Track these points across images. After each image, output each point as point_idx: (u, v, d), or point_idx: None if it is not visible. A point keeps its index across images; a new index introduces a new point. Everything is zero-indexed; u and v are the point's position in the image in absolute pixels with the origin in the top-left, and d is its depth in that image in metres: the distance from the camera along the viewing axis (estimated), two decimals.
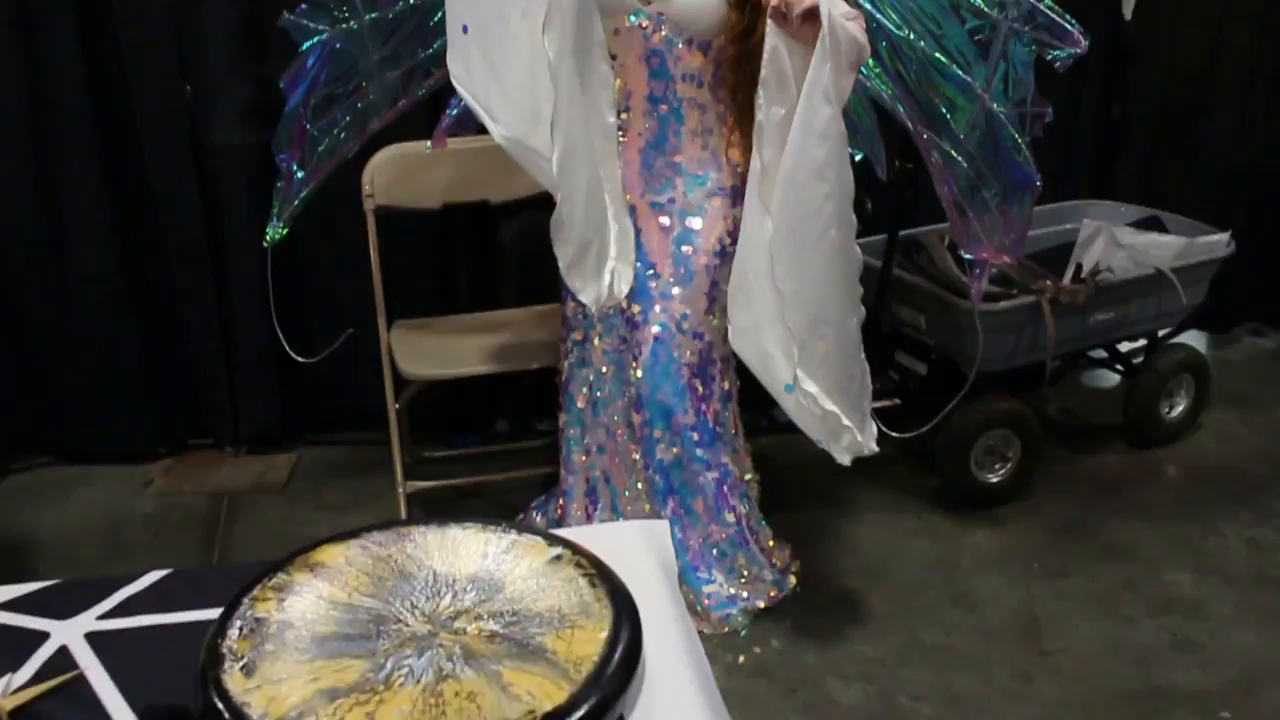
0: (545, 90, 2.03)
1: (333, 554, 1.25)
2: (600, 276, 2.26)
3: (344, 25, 2.47)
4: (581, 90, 2.13)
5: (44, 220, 3.08)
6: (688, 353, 2.41)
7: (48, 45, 2.93)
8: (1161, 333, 3.38)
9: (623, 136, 2.36)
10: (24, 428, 3.27)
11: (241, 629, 1.13)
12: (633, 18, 2.26)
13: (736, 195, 2.36)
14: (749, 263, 2.27)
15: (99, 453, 3.31)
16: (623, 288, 2.30)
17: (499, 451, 3.32)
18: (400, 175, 2.85)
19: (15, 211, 3.06)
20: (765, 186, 2.20)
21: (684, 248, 2.39)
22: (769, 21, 2.11)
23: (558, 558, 1.24)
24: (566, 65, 2.06)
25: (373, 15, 2.48)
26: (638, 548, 1.33)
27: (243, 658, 1.09)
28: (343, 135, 2.57)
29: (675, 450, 2.45)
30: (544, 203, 2.94)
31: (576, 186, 2.15)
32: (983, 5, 2.35)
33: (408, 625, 1.14)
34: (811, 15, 2.06)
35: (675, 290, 2.40)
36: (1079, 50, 2.35)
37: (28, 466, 3.32)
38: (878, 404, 2.88)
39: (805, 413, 2.29)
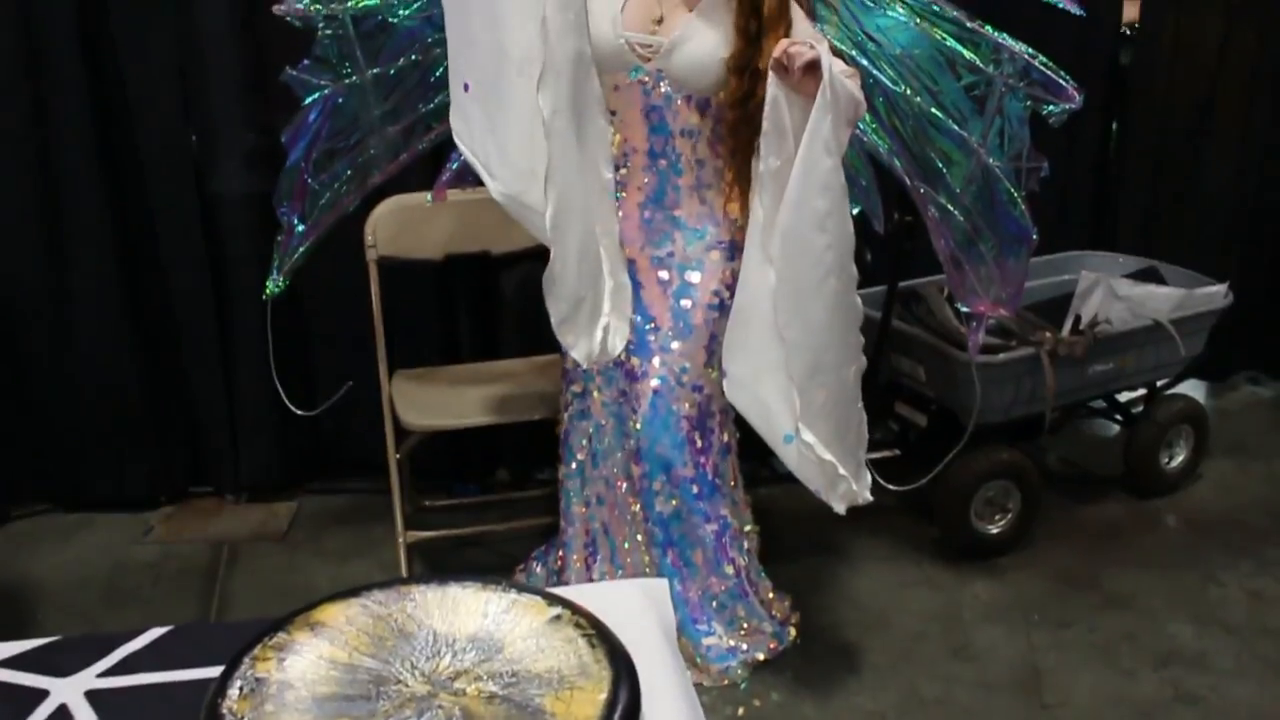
0: (541, 147, 2.06)
1: (333, 613, 1.25)
2: (592, 333, 2.27)
3: (346, 81, 2.50)
4: (579, 147, 2.16)
5: (48, 267, 3.10)
6: (687, 405, 2.42)
7: (55, 91, 2.97)
8: (1160, 383, 3.39)
9: (622, 191, 2.38)
10: (24, 474, 3.28)
11: (242, 688, 1.13)
12: (633, 74, 2.29)
13: (734, 250, 2.39)
14: (748, 312, 2.29)
15: (99, 500, 3.31)
16: (617, 344, 2.30)
17: (499, 501, 3.32)
18: (402, 226, 2.87)
19: (19, 258, 3.08)
20: (766, 237, 2.23)
21: (683, 301, 2.41)
22: (770, 73, 2.14)
23: (557, 617, 1.24)
24: (562, 122, 2.09)
25: (374, 71, 2.51)
26: (637, 607, 1.33)
27: (243, 718, 1.09)
28: (344, 189, 2.60)
29: (674, 503, 2.45)
30: (545, 254, 2.94)
31: (570, 243, 2.18)
32: (978, 62, 2.39)
33: (408, 686, 1.14)
34: (812, 68, 2.09)
35: (674, 344, 2.41)
36: (1073, 105, 2.38)
37: (28, 513, 3.32)
38: (877, 455, 2.90)
39: (804, 462, 2.30)
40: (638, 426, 2.43)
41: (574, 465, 2.61)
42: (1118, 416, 3.46)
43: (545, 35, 2.03)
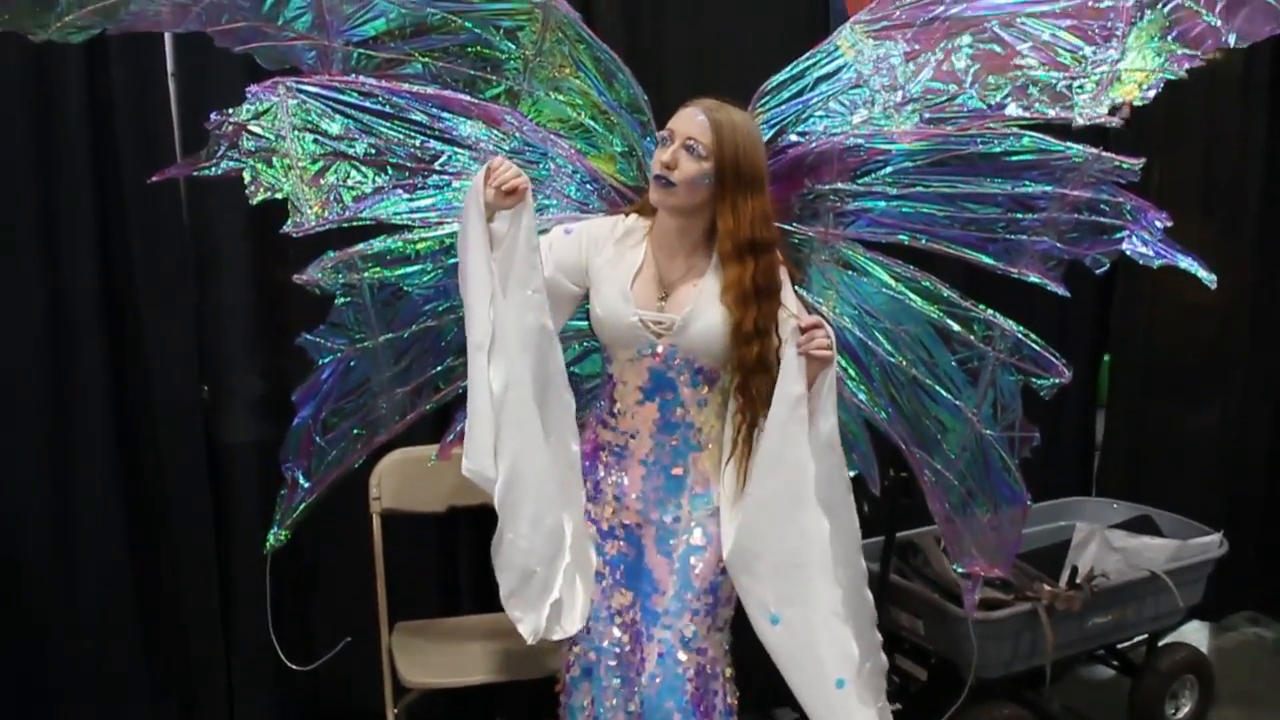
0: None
1: None
2: (540, 609, 2.32)
3: (359, 345, 2.57)
4: (541, 421, 2.28)
5: (51, 510, 3.09)
6: (692, 669, 2.41)
7: (72, 347, 3.03)
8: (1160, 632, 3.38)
9: (629, 458, 2.42)
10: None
11: None
12: (647, 349, 2.36)
13: None
14: (802, 555, 2.31)
15: None
16: (572, 623, 2.35)
17: None
18: (407, 480, 2.93)
19: (23, 498, 3.09)
20: (821, 490, 2.28)
21: (689, 566, 2.42)
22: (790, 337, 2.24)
23: None
24: (517, 395, 2.23)
25: (388, 336, 2.59)
26: None
27: None
28: (349, 448, 2.64)
29: None
30: None
31: (522, 515, 2.28)
32: (971, 337, 2.48)
33: None
34: (822, 359, 2.22)
35: (679, 608, 2.40)
36: (1063, 380, 2.47)
37: None
38: None
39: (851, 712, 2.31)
40: (642, 690, 2.42)
41: None
42: (1115, 663, 3.44)
43: (496, 312, 2.19)
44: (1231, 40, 2.15)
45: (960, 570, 2.69)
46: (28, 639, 3.15)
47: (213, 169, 2.39)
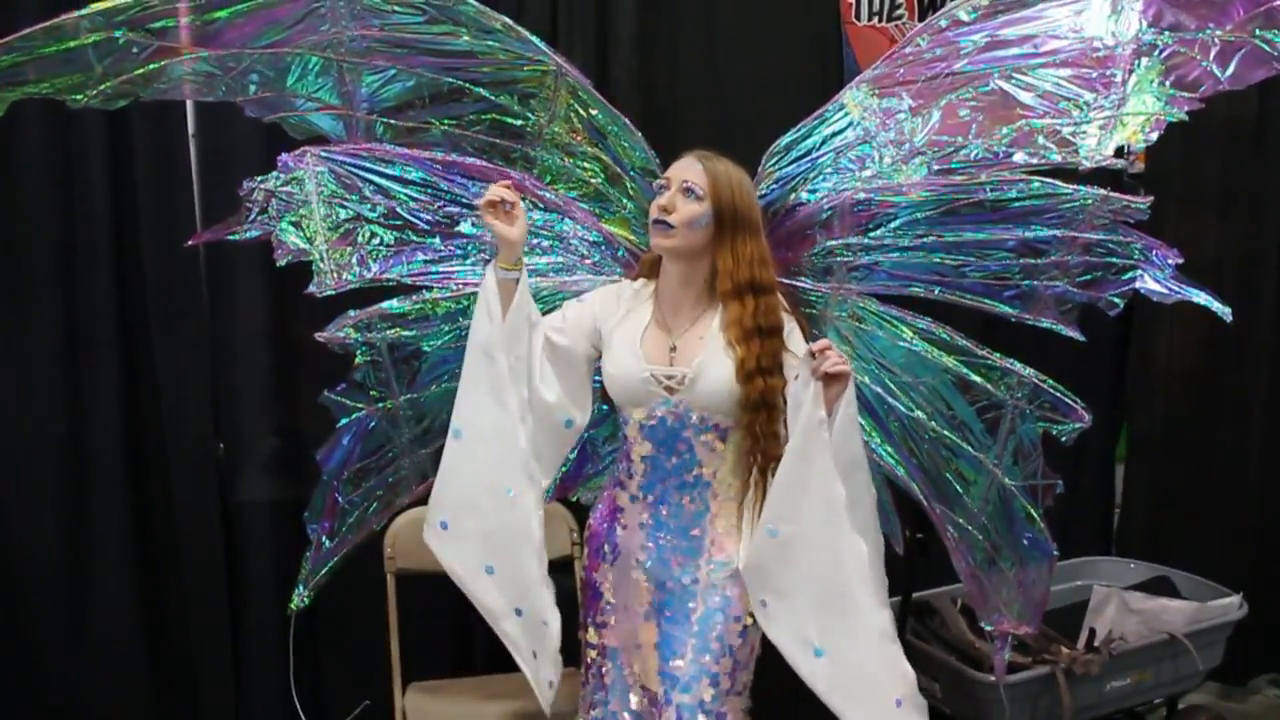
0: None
1: None
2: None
3: (379, 405, 2.59)
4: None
5: (64, 564, 3.13)
6: None
7: (88, 401, 3.07)
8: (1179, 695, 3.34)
9: (645, 517, 2.43)
10: None
11: None
12: (661, 406, 2.36)
13: None
14: (844, 583, 2.29)
15: None
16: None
17: None
18: (421, 540, 2.88)
19: (37, 553, 3.11)
20: (854, 511, 2.27)
21: (708, 630, 2.39)
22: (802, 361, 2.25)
23: None
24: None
25: (408, 396, 2.61)
26: None
27: None
28: (372, 509, 2.66)
29: None
30: (564, 567, 3.00)
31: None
32: (989, 386, 2.48)
33: None
34: (835, 379, 2.21)
35: (698, 671, 2.37)
36: (1083, 424, 2.47)
37: None
38: None
39: None
40: None
41: None
42: None
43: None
44: (1226, 84, 2.18)
45: (988, 628, 2.67)
46: (39, 698, 3.13)
47: (244, 234, 2.44)
